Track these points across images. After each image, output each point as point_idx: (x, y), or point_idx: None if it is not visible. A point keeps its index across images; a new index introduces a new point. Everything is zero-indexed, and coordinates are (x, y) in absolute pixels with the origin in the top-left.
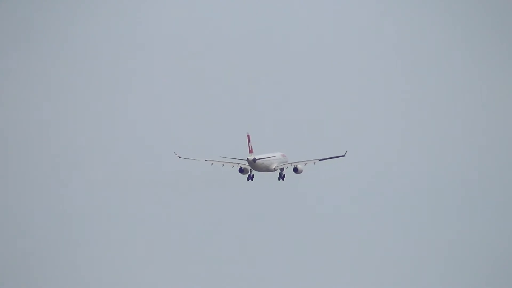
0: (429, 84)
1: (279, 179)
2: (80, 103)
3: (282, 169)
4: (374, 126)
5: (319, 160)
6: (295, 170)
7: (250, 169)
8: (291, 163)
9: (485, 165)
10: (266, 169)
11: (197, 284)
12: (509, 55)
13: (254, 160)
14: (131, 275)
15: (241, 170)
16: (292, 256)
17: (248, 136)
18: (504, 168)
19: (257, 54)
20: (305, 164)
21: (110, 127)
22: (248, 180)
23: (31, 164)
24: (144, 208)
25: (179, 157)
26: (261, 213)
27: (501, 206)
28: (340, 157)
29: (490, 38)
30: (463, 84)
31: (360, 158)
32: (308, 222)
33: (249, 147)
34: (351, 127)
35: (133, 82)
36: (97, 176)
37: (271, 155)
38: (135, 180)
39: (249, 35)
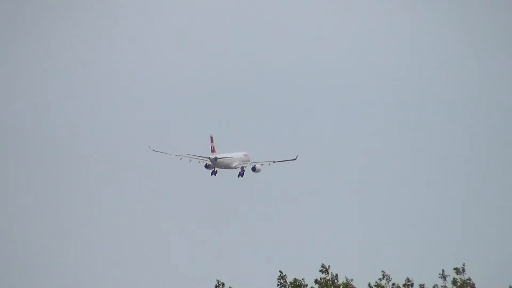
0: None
1: (238, 176)
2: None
3: (242, 168)
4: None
5: (274, 162)
6: (253, 169)
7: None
8: (250, 162)
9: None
10: (227, 166)
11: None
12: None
13: (216, 158)
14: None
15: (207, 166)
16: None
17: (211, 137)
18: None
19: (235, 57)
20: (262, 164)
21: (92, 118)
22: (212, 174)
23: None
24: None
25: (153, 150)
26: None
27: None
28: (291, 161)
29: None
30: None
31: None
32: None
33: (211, 147)
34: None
35: (113, 76)
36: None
37: (231, 155)
38: (110, 171)
39: (228, 35)
